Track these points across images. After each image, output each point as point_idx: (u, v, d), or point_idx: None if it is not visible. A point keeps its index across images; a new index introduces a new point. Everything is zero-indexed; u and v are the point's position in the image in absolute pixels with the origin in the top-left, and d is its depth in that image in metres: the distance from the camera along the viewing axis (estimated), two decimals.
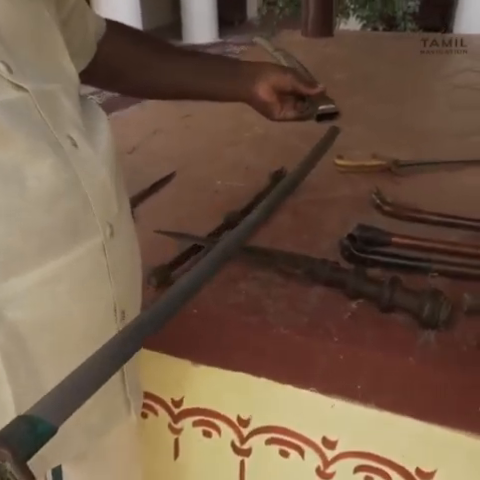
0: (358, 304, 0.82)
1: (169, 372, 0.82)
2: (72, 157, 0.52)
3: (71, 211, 0.52)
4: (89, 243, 0.54)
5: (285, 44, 3.10)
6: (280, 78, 0.88)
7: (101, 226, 0.55)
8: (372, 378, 0.72)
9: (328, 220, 1.08)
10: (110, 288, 0.57)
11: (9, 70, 0.49)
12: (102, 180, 0.56)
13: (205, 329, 0.80)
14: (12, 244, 0.48)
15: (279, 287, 0.87)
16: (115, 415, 0.65)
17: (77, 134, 0.54)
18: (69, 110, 0.55)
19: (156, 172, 1.30)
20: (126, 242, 0.61)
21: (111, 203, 0.57)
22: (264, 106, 0.90)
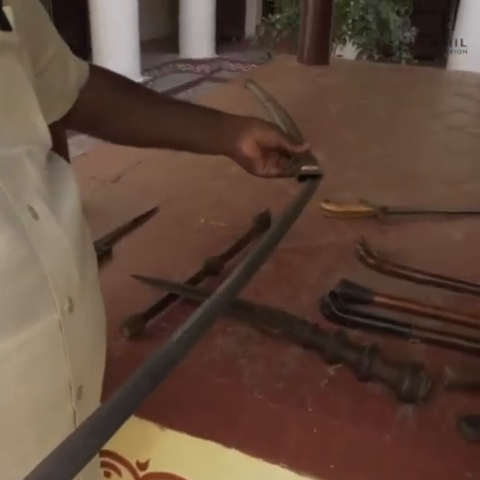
0: (336, 370, 0.79)
1: (135, 433, 0.79)
2: (30, 230, 0.48)
3: (26, 290, 0.48)
4: (44, 321, 0.50)
5: (280, 70, 3.12)
6: (265, 134, 0.87)
7: (59, 302, 0.51)
8: (346, 457, 0.69)
9: (311, 271, 1.06)
10: (66, 365, 0.53)
11: None
12: (63, 253, 0.52)
13: (176, 389, 0.77)
14: None
15: (256, 345, 0.84)
16: None
17: (39, 204, 0.50)
18: (33, 177, 0.51)
19: (139, 204, 1.27)
20: (88, 314, 0.57)
21: (72, 275, 0.53)
22: (247, 161, 0.89)
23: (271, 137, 0.88)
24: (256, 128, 0.87)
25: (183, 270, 1.00)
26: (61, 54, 0.72)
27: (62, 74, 0.73)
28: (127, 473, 0.82)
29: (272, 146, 0.88)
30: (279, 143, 0.88)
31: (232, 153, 0.89)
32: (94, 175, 1.45)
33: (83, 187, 1.38)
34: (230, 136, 0.87)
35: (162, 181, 1.45)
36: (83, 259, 0.56)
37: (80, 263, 0.55)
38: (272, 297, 0.95)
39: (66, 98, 0.76)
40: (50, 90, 0.71)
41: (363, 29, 5.69)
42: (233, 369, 0.78)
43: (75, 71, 0.76)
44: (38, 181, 0.52)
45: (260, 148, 0.88)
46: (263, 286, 1.00)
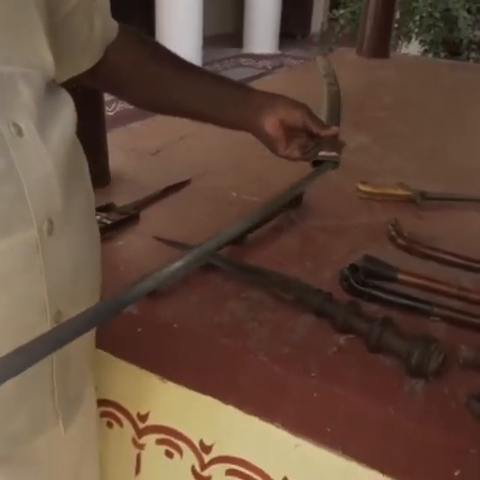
0: (346, 339, 0.77)
1: (137, 385, 0.80)
2: (12, 145, 0.50)
3: (2, 202, 0.49)
4: (21, 237, 0.51)
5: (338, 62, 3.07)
6: (290, 113, 0.83)
7: (36, 221, 0.52)
8: (344, 422, 0.67)
9: (337, 248, 1.04)
10: (41, 286, 0.54)
11: None
12: (45, 174, 0.53)
13: (180, 346, 0.77)
14: None
15: (267, 311, 0.83)
16: (41, 425, 0.62)
17: (26, 122, 0.52)
18: (25, 97, 0.52)
19: (174, 176, 1.28)
20: (71, 242, 0.57)
21: (53, 198, 0.54)
22: (269, 140, 0.84)
23: (296, 117, 0.83)
24: (281, 106, 0.83)
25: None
26: (86, 5, 0.72)
27: (86, 26, 0.73)
28: (128, 424, 0.83)
29: (297, 126, 0.83)
30: (304, 124, 0.83)
31: (254, 130, 0.85)
32: (134, 147, 1.48)
33: (122, 157, 1.42)
34: (253, 113, 0.83)
35: (201, 156, 1.46)
36: (69, 187, 0.57)
37: (65, 190, 0.55)
38: (293, 269, 0.94)
39: (91, 52, 0.76)
40: (74, 41, 0.72)
41: (430, 26, 5.51)
42: (241, 332, 0.78)
43: (101, 26, 0.76)
44: (30, 102, 0.53)
45: (284, 127, 0.83)
46: (286, 259, 0.99)
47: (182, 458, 0.81)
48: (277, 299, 0.85)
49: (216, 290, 0.87)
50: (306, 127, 0.83)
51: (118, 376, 0.83)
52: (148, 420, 0.81)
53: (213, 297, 0.85)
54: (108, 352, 0.82)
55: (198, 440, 0.79)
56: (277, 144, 0.84)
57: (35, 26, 0.56)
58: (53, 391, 0.60)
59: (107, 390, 0.84)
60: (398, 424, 0.65)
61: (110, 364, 0.83)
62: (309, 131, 0.84)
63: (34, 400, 0.58)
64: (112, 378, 0.84)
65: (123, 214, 1.07)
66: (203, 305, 0.83)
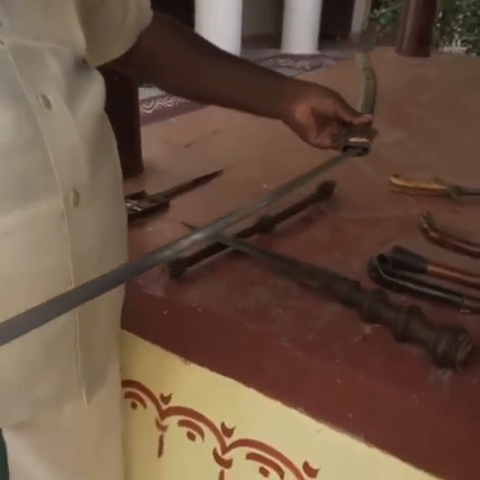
0: (372, 329, 0.76)
1: (161, 366, 0.80)
2: (40, 115, 0.51)
3: (28, 168, 0.51)
4: (46, 205, 0.52)
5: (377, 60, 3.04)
6: (321, 101, 0.81)
7: (62, 191, 0.53)
8: (367, 409, 0.66)
9: (367, 240, 1.02)
10: (66, 256, 0.55)
11: None
12: (72, 146, 0.54)
13: (205, 329, 0.77)
14: None
15: (293, 299, 0.82)
16: (65, 394, 0.63)
17: (54, 95, 0.53)
18: (54, 71, 0.54)
19: (206, 168, 1.29)
20: (97, 214, 0.58)
21: (80, 170, 0.55)
22: (300, 128, 0.83)
23: (327, 104, 0.82)
24: (313, 94, 0.82)
25: (235, 226, 1.00)
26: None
27: (120, 11, 0.74)
28: (151, 405, 0.84)
29: (328, 114, 0.82)
30: (336, 112, 0.81)
31: (286, 118, 0.84)
32: (168, 141, 1.49)
33: (156, 149, 1.44)
34: (285, 100, 0.82)
35: (232, 149, 1.47)
36: (96, 161, 0.58)
37: (92, 163, 0.57)
38: (321, 259, 0.93)
39: (124, 37, 0.77)
40: (108, 25, 0.73)
41: (474, 25, 5.39)
42: (265, 317, 0.78)
43: (135, 11, 0.77)
44: (59, 76, 0.54)
45: (315, 115, 0.82)
46: (314, 249, 0.98)
47: (204, 441, 0.81)
48: (303, 287, 0.84)
49: (242, 276, 0.87)
50: (338, 115, 0.82)
51: (143, 357, 0.84)
52: (171, 401, 0.82)
53: (239, 283, 0.85)
54: (133, 333, 0.83)
55: (220, 423, 0.79)
56: (308, 132, 0.83)
57: (66, 4, 0.58)
58: (77, 359, 0.61)
59: (132, 371, 0.85)
60: (422, 413, 0.64)
61: (135, 345, 0.84)
62: (341, 119, 0.83)
63: (58, 366, 0.60)
64: (137, 359, 0.85)
65: (153, 202, 1.09)
66: (229, 290, 0.83)
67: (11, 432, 0.61)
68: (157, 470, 0.88)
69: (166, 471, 0.87)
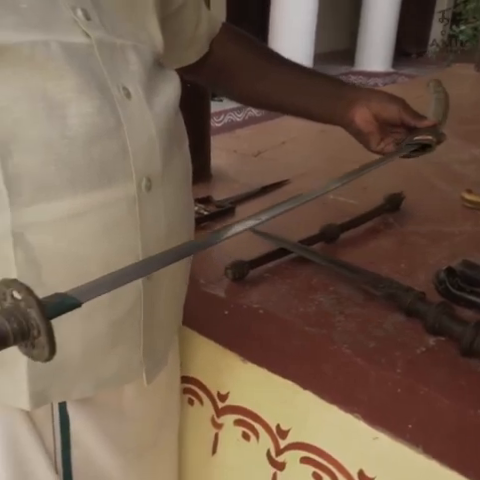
0: (437, 341, 0.73)
1: (219, 364, 0.81)
2: (121, 105, 0.54)
3: (107, 154, 0.53)
4: (121, 190, 0.55)
5: (454, 77, 2.97)
6: (384, 107, 0.80)
7: (136, 176, 0.55)
8: (427, 421, 0.64)
9: (435, 253, 0.99)
10: (137, 240, 0.57)
11: (87, 18, 0.53)
12: (148, 135, 0.57)
13: (265, 330, 0.78)
14: (44, 173, 0.51)
15: (355, 306, 0.81)
16: (126, 374, 0.65)
17: (134, 87, 0.56)
18: (134, 65, 0.57)
19: (273, 176, 1.30)
20: (167, 200, 0.60)
21: (153, 159, 0.57)
22: (360, 135, 0.82)
23: (392, 111, 0.80)
24: (375, 101, 0.80)
25: (299, 234, 1.00)
26: (194, 1, 0.77)
27: (193, 20, 0.78)
28: (208, 403, 0.85)
29: (393, 121, 0.80)
30: (401, 118, 0.80)
31: (346, 124, 0.83)
32: (237, 149, 1.52)
33: (225, 157, 1.47)
34: (345, 106, 0.81)
35: (300, 159, 1.47)
36: (169, 152, 0.60)
37: (165, 154, 0.59)
38: (386, 269, 0.91)
39: (197, 46, 0.80)
40: (181, 34, 0.77)
41: None
42: (326, 323, 0.77)
43: (207, 21, 0.81)
44: (139, 70, 0.57)
45: (379, 122, 0.80)
46: (379, 259, 0.96)
47: (258, 442, 0.81)
48: (367, 296, 0.83)
49: (304, 282, 0.87)
50: (403, 121, 0.80)
51: (202, 354, 0.86)
52: (228, 400, 0.82)
53: (301, 288, 0.85)
54: (194, 330, 0.84)
55: (275, 424, 0.78)
56: (369, 138, 0.82)
57: (148, 8, 0.61)
58: (140, 341, 0.63)
59: (190, 367, 0.86)
60: None
61: (195, 342, 0.85)
62: (406, 124, 0.81)
63: (122, 347, 0.62)
64: (196, 356, 0.86)
65: (220, 207, 1.11)
66: (290, 294, 0.83)
67: (75, 407, 0.64)
68: (210, 468, 0.88)
69: (219, 470, 0.88)
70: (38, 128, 0.51)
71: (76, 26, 0.52)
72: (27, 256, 0.52)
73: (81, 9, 0.53)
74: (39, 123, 0.51)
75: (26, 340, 0.36)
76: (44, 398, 0.60)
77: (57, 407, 0.63)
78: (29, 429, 0.62)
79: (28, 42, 0.49)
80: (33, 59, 0.50)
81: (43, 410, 0.62)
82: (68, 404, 0.63)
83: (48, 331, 0.35)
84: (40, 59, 0.50)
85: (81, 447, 0.66)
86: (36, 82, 0.50)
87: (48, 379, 0.59)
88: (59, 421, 0.63)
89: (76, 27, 0.52)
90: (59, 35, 0.51)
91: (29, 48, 0.49)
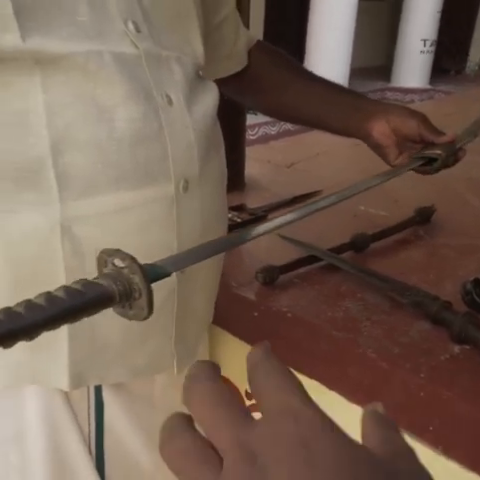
0: (462, 349, 0.75)
1: None
2: (163, 111, 0.58)
3: (149, 156, 0.57)
4: (161, 189, 0.59)
5: None
6: (404, 122, 0.81)
7: (175, 178, 0.59)
8: (449, 425, 0.66)
9: (464, 265, 1.00)
10: (174, 238, 0.61)
11: (137, 30, 0.58)
12: (187, 140, 0.61)
13: (292, 332, 0.80)
14: (92, 171, 0.55)
15: (382, 313, 0.83)
16: (158, 363, 0.69)
17: (176, 95, 0.60)
18: (177, 75, 0.61)
19: (305, 186, 1.33)
20: (202, 200, 0.64)
21: (191, 162, 0.61)
22: (379, 148, 0.84)
23: (411, 126, 0.81)
24: (395, 115, 0.82)
25: (330, 242, 1.03)
26: (234, 16, 0.81)
27: (233, 35, 0.82)
28: None
29: (411, 136, 0.82)
30: (419, 133, 0.81)
31: (364, 137, 0.85)
32: (270, 160, 1.56)
33: (258, 168, 1.50)
34: (364, 119, 0.83)
35: (333, 172, 1.50)
36: (206, 157, 0.64)
37: (202, 158, 0.63)
38: (414, 279, 0.93)
39: (235, 59, 0.85)
40: (221, 47, 0.81)
41: None
42: (353, 328, 0.79)
43: (245, 36, 0.85)
44: (181, 80, 0.61)
45: (397, 136, 0.82)
46: (407, 269, 0.98)
47: None
48: (394, 303, 0.85)
49: (333, 288, 0.89)
50: (421, 136, 0.82)
51: (231, 353, 0.89)
52: None
53: (329, 294, 0.88)
54: (224, 329, 0.88)
55: None
56: (387, 152, 0.83)
57: (192, 23, 0.66)
58: (172, 333, 0.67)
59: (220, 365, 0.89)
60: None
61: (225, 341, 0.88)
62: (425, 140, 0.82)
63: (156, 338, 0.66)
64: (225, 354, 0.89)
65: (252, 215, 1.14)
66: (318, 300, 0.86)
67: (109, 393, 0.68)
68: None
69: None
70: (88, 131, 0.55)
71: (127, 37, 0.57)
72: (73, 247, 0.56)
73: (132, 22, 0.57)
74: (89, 126, 0.55)
75: (128, 302, 0.41)
76: (82, 380, 0.64)
77: (93, 391, 0.67)
78: (67, 412, 0.66)
79: (83, 52, 0.53)
80: (86, 67, 0.54)
81: (80, 393, 0.66)
82: (103, 389, 0.67)
83: (149, 294, 0.40)
84: (93, 68, 0.54)
85: (114, 433, 0.70)
86: (88, 88, 0.55)
87: (87, 362, 0.63)
88: (94, 406, 0.67)
89: (127, 38, 0.57)
90: (111, 46, 0.56)
91: (84, 57, 0.53)
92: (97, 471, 0.70)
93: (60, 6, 0.52)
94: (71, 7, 0.53)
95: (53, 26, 0.52)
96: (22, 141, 0.53)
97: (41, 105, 0.53)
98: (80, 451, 0.68)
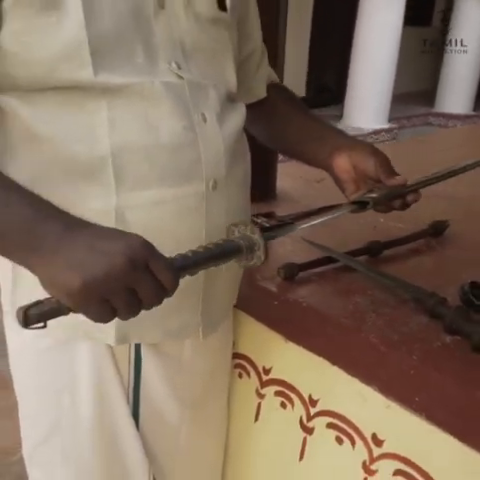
0: (453, 339, 0.85)
1: (265, 342, 0.96)
2: (198, 126, 0.73)
3: (186, 160, 0.73)
4: (194, 187, 0.74)
5: None
6: (363, 160, 0.86)
7: (205, 178, 0.74)
8: (433, 397, 0.77)
9: (471, 274, 1.09)
10: (203, 228, 0.75)
11: (178, 67, 0.73)
12: (216, 150, 0.75)
13: (306, 318, 0.93)
14: (141, 171, 0.71)
15: (387, 307, 0.94)
16: (187, 330, 0.83)
17: (210, 114, 0.75)
18: (212, 99, 0.76)
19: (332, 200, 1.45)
20: (227, 198, 0.78)
21: (219, 166, 0.76)
22: (338, 181, 0.90)
23: (369, 164, 0.85)
24: (357, 151, 0.87)
25: (347, 247, 1.15)
26: (259, 51, 0.96)
27: (254, 69, 0.96)
28: (254, 376, 1.01)
29: (370, 174, 0.86)
30: (375, 172, 0.85)
31: (328, 169, 0.91)
32: (302, 175, 1.69)
33: (290, 182, 1.64)
34: (328, 153, 0.89)
35: None
36: (232, 163, 0.79)
37: (229, 164, 0.78)
38: (421, 282, 1.03)
39: (253, 91, 0.97)
40: (244, 79, 0.93)
41: None
42: (359, 317, 0.91)
43: (266, 71, 0.99)
44: (215, 102, 0.76)
45: (356, 173, 0.87)
46: (416, 274, 1.09)
47: (293, 410, 0.95)
48: (398, 299, 0.96)
49: (346, 286, 1.01)
50: (377, 176, 0.86)
51: (252, 335, 1.02)
52: (271, 374, 0.98)
53: (342, 290, 1.00)
54: (248, 314, 1.01)
55: (308, 394, 0.93)
56: (345, 187, 0.90)
57: (227, 58, 0.81)
58: (198, 308, 0.82)
59: (242, 345, 1.03)
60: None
61: (247, 324, 1.02)
62: (379, 180, 0.86)
63: (185, 310, 0.80)
64: (247, 336, 1.03)
65: (280, 221, 1.28)
66: (332, 294, 0.98)
67: (147, 352, 0.82)
68: (252, 433, 1.04)
69: (260, 434, 1.03)
70: (139, 139, 0.71)
71: (171, 72, 0.73)
72: (124, 229, 0.71)
73: (175, 62, 0.73)
74: (140, 136, 0.71)
75: (250, 253, 0.66)
76: (126, 338, 0.78)
77: (133, 348, 0.81)
78: (111, 364, 0.81)
79: (139, 82, 0.70)
80: (141, 93, 0.70)
81: (123, 349, 0.80)
82: (142, 347, 0.81)
83: (265, 245, 0.66)
84: (146, 93, 0.70)
85: (148, 385, 0.84)
86: (141, 108, 0.71)
87: (131, 323, 0.76)
88: (134, 361, 0.82)
89: (171, 72, 0.73)
90: (160, 77, 0.72)
91: (140, 86, 0.70)
92: (133, 418, 0.84)
93: (123, 51, 0.69)
94: (131, 52, 0.70)
95: (117, 65, 0.69)
96: (90, 146, 0.70)
97: (105, 121, 0.69)
98: (120, 399, 0.82)
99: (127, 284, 0.56)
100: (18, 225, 0.57)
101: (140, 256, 0.56)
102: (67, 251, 0.55)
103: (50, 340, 0.79)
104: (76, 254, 0.55)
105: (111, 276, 0.54)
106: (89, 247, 0.55)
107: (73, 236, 0.57)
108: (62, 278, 0.55)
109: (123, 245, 0.56)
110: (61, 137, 0.69)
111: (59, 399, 0.82)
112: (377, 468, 0.84)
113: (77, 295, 0.54)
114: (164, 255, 0.59)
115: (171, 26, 0.73)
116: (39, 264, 0.57)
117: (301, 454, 0.95)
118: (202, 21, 0.76)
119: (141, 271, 0.56)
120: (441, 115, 8.45)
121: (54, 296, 0.56)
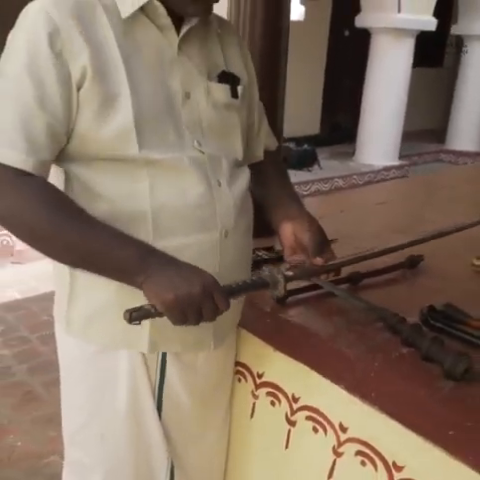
0: (409, 351, 1.06)
1: (259, 352, 1.18)
2: (215, 190, 0.98)
3: (205, 214, 0.96)
4: (211, 235, 0.98)
5: None
6: (301, 232, 1.10)
7: (220, 228, 0.98)
8: (385, 393, 0.98)
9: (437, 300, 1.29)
10: (217, 265, 0.99)
11: (199, 144, 0.98)
12: (227, 206, 1.00)
13: (291, 332, 1.14)
14: (171, 222, 0.95)
15: (359, 325, 1.16)
16: (201, 343, 1.06)
17: (223, 180, 0.99)
18: (224, 167, 1.01)
19: None
20: (236, 244, 1.02)
21: (230, 219, 1.00)
22: (281, 245, 1.16)
23: (304, 238, 1.10)
24: (298, 223, 1.11)
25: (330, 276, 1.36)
26: (257, 124, 1.19)
27: (255, 135, 1.20)
28: (250, 379, 1.22)
29: (303, 244, 1.10)
30: (308, 245, 1.10)
31: (277, 233, 1.17)
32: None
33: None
34: (278, 219, 1.14)
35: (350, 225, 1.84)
36: (239, 216, 1.02)
37: (236, 216, 1.02)
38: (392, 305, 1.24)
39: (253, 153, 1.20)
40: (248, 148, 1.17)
41: None
42: (334, 332, 1.13)
43: (265, 138, 1.22)
44: (226, 170, 1.01)
45: (296, 240, 1.11)
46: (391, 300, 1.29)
47: (280, 406, 1.16)
48: (369, 320, 1.17)
49: (327, 308, 1.23)
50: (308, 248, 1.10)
51: (249, 346, 1.24)
52: (263, 377, 1.19)
53: (324, 311, 1.21)
54: (247, 330, 1.23)
55: (291, 393, 1.14)
56: (284, 250, 1.16)
57: (236, 135, 1.06)
58: (211, 328, 1.03)
59: (241, 355, 1.25)
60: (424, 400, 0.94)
61: (246, 338, 1.24)
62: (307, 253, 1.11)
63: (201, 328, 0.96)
64: (245, 347, 1.24)
65: (277, 254, 1.50)
66: (314, 314, 1.20)
67: (171, 356, 1.04)
68: (248, 428, 1.25)
69: (255, 428, 1.24)
70: (171, 200, 0.95)
71: (194, 148, 0.97)
72: None
73: (196, 140, 0.98)
74: (172, 198, 0.95)
75: (274, 288, 0.98)
76: (156, 347, 1.01)
77: (160, 356, 1.04)
78: (143, 368, 1.03)
79: (172, 158, 0.94)
80: (174, 165, 0.95)
81: (153, 357, 1.03)
82: (167, 355, 1.04)
83: (285, 285, 1.00)
84: (178, 165, 0.95)
85: (170, 387, 1.06)
86: (174, 177, 0.95)
87: (160, 336, 0.99)
88: (160, 365, 1.05)
89: (195, 149, 0.97)
90: (188, 153, 0.96)
91: (173, 160, 0.94)
92: (157, 411, 1.07)
93: (159, 132, 0.93)
94: (165, 132, 0.94)
95: (155, 143, 0.92)
96: (134, 202, 0.94)
97: (147, 185, 0.94)
98: (148, 395, 1.05)
99: (198, 304, 0.86)
100: (134, 259, 0.88)
101: (209, 288, 0.87)
102: (166, 277, 0.87)
103: (95, 347, 1.02)
104: (172, 279, 0.87)
105: (191, 297, 0.85)
106: (180, 276, 0.88)
107: (170, 266, 0.89)
108: (162, 293, 0.86)
109: (201, 278, 0.88)
110: (114, 196, 0.93)
111: (102, 394, 1.05)
112: (343, 451, 1.05)
113: (169, 304, 0.85)
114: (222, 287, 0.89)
115: (194, 111, 0.98)
116: (147, 283, 0.87)
117: (286, 443, 1.16)
118: (218, 106, 1.01)
119: (208, 298, 0.87)
120: (452, 152, 8.65)
121: (154, 304, 0.86)
